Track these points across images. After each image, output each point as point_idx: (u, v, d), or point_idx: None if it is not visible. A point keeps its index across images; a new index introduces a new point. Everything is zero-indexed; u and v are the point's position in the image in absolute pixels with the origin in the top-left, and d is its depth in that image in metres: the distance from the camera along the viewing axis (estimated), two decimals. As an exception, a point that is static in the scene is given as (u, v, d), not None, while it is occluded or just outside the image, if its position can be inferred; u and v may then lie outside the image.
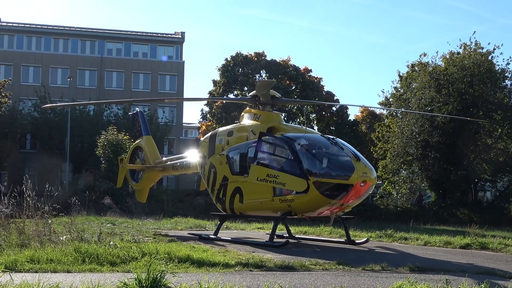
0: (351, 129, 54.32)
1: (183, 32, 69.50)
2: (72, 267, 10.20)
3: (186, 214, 31.04)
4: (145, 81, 66.38)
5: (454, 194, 39.41)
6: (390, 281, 9.50)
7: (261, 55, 54.69)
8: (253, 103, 19.24)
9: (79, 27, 68.62)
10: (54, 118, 51.91)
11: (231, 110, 49.76)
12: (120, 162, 26.03)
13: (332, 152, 16.27)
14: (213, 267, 10.67)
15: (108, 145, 38.38)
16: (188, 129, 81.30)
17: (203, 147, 19.89)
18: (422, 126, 38.13)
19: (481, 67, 37.61)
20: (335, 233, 20.47)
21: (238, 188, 17.69)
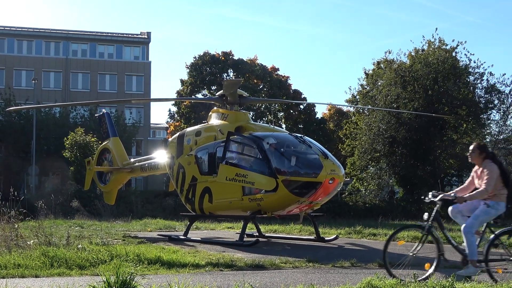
0: (319, 127, 54.63)
1: (149, 32, 69.15)
2: (40, 271, 10.08)
3: (155, 215, 30.86)
4: (111, 82, 65.89)
5: (422, 189, 39.80)
6: (359, 277, 9.58)
7: (229, 54, 54.72)
8: (221, 102, 19.24)
9: (43, 28, 67.84)
10: (19, 121, 51.16)
11: (199, 109, 49.68)
12: (87, 164, 25.79)
13: (300, 150, 16.35)
14: (183, 268, 10.64)
15: (76, 147, 37.99)
16: (156, 129, 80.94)
17: (171, 148, 19.81)
18: (389, 123, 38.48)
19: (445, 64, 38.09)
20: (305, 231, 20.55)
21: (207, 188, 17.66)
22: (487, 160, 9.52)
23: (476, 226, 9.43)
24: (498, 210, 9.42)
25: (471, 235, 9.37)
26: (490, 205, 9.35)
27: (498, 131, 42.01)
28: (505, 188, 9.47)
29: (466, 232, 9.39)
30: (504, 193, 9.46)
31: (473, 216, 9.45)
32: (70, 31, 68.11)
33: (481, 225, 9.51)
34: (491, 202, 9.36)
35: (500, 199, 9.42)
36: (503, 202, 9.44)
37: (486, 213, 9.39)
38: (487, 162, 9.48)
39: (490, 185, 9.29)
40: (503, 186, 9.45)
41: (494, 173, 9.32)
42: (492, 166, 9.40)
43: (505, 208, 9.48)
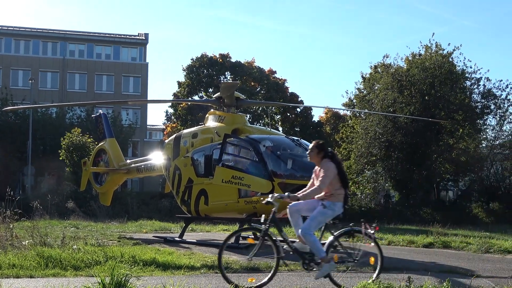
0: (315, 130, 54.67)
1: (146, 34, 69.16)
2: (35, 272, 10.06)
3: (151, 216, 30.85)
4: (109, 83, 65.82)
5: (417, 193, 39.92)
6: (354, 281, 9.58)
7: (226, 56, 54.74)
8: (218, 104, 19.25)
9: (41, 28, 67.76)
10: (15, 121, 51.05)
11: (196, 111, 49.67)
12: (83, 165, 25.77)
13: (297, 153, 16.37)
14: (178, 270, 10.63)
15: (73, 148, 37.94)
16: (153, 131, 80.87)
17: (167, 149, 19.80)
18: (385, 127, 38.54)
19: (442, 68, 38.19)
20: (301, 234, 20.51)
21: (203, 190, 17.66)
22: (326, 159, 9.27)
23: (313, 227, 9.16)
24: (335, 211, 9.17)
25: (310, 235, 9.07)
26: (326, 205, 9.11)
27: (494, 136, 42.14)
28: (343, 189, 9.24)
29: (304, 235, 9.11)
30: (341, 193, 9.23)
31: (310, 218, 9.19)
32: (67, 31, 68.03)
33: (319, 226, 9.26)
34: (327, 202, 9.13)
35: (337, 200, 9.18)
36: (340, 202, 9.20)
37: (323, 214, 9.13)
38: (325, 161, 9.24)
39: (324, 183, 9.06)
40: (341, 186, 9.22)
41: (330, 172, 9.09)
42: (329, 165, 9.16)
43: (342, 208, 9.25)
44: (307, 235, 9.08)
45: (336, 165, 9.24)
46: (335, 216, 9.25)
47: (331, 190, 9.17)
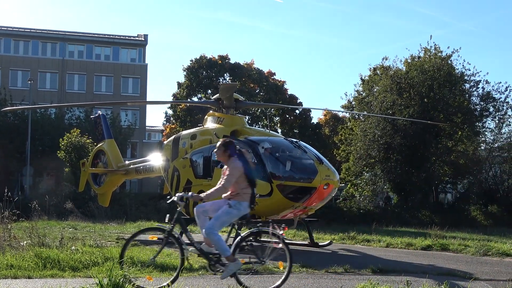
0: (314, 132, 54.67)
1: (146, 35, 69.16)
2: (33, 272, 10.05)
3: (149, 218, 30.77)
4: (108, 83, 65.80)
5: (416, 196, 39.92)
6: (352, 283, 9.59)
7: (225, 58, 54.76)
8: (217, 106, 19.25)
9: (40, 29, 67.74)
10: (14, 121, 51.03)
11: (195, 113, 49.68)
12: (82, 166, 25.76)
13: (296, 155, 16.36)
14: (176, 271, 10.61)
15: (71, 148, 37.90)
16: (151, 132, 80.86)
17: (166, 151, 19.80)
18: (384, 129, 38.54)
19: (441, 71, 38.21)
20: (299, 236, 20.56)
21: (202, 191, 17.59)
22: (233, 157, 9.09)
23: (217, 227, 8.96)
24: (241, 211, 8.98)
25: (214, 235, 8.87)
26: (232, 205, 8.93)
27: (493, 139, 42.14)
28: (249, 188, 9.06)
29: (208, 234, 8.90)
30: (247, 192, 9.05)
31: (214, 217, 9.00)
32: (67, 32, 68.02)
33: (223, 226, 9.11)
34: (233, 202, 8.95)
35: (242, 199, 9.00)
36: (246, 202, 9.02)
37: (228, 214, 8.95)
38: (232, 160, 9.06)
39: (229, 182, 8.87)
40: (247, 185, 9.04)
41: (236, 171, 8.89)
42: (236, 164, 8.97)
43: (248, 208, 9.07)
44: (211, 234, 8.87)
45: (243, 164, 9.04)
46: (241, 216, 9.06)
47: (237, 189, 8.98)
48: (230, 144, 9.26)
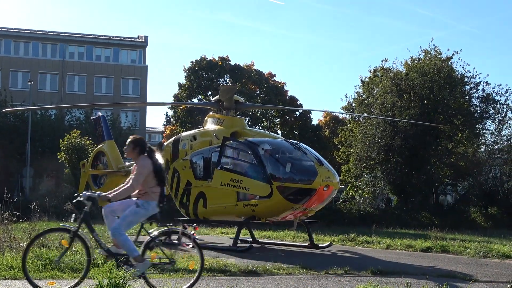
0: (314, 134, 54.64)
1: (146, 36, 69.19)
2: (32, 274, 10.01)
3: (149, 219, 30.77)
4: (108, 85, 65.82)
5: (416, 198, 39.92)
6: (352, 285, 9.59)
7: (225, 59, 54.74)
8: (217, 107, 19.27)
9: (40, 30, 67.75)
10: (14, 122, 51.02)
11: (195, 114, 49.66)
12: (82, 167, 25.73)
13: (296, 156, 16.36)
14: (176, 272, 10.61)
15: (72, 149, 37.89)
16: (152, 133, 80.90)
17: (166, 152, 19.80)
18: (384, 131, 38.55)
19: (441, 73, 38.24)
20: (299, 238, 20.55)
21: (202, 193, 17.66)
22: (142, 155, 8.90)
23: (124, 227, 8.80)
24: (148, 210, 8.80)
25: (120, 235, 8.75)
26: (139, 204, 8.73)
27: (493, 141, 42.17)
28: (158, 187, 8.85)
29: (114, 234, 8.77)
30: (156, 191, 8.84)
31: (121, 217, 8.82)
32: (67, 33, 68.04)
33: (130, 226, 8.92)
34: (140, 201, 8.75)
35: (151, 198, 8.80)
36: (154, 201, 8.83)
37: (135, 214, 8.77)
38: (141, 158, 8.87)
39: (137, 181, 8.66)
40: (156, 184, 8.83)
41: (145, 169, 8.69)
42: (144, 162, 8.79)
43: (157, 207, 8.89)
44: (117, 234, 8.75)
45: (152, 162, 8.85)
46: (149, 215, 8.88)
47: (145, 188, 8.77)
48: (139, 141, 9.10)
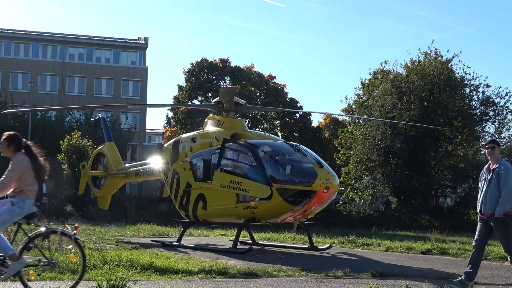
0: (314, 136, 54.65)
1: (146, 38, 69.20)
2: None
3: (149, 221, 30.79)
4: (108, 86, 65.86)
5: (416, 200, 39.90)
6: (352, 287, 9.58)
7: (226, 61, 54.79)
8: (217, 109, 19.26)
9: (41, 32, 67.78)
10: (14, 124, 51.01)
11: (195, 115, 49.71)
12: (82, 169, 25.73)
13: (295, 159, 16.35)
14: (176, 274, 10.62)
15: (72, 151, 37.90)
16: (152, 135, 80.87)
17: (166, 154, 19.80)
18: (384, 133, 38.55)
19: (441, 75, 38.26)
20: (298, 240, 20.55)
21: (202, 194, 17.64)
22: (19, 153, 8.54)
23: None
24: (24, 209, 8.34)
25: None
26: (14, 202, 8.28)
27: (493, 143, 42.12)
28: (36, 185, 8.46)
29: None
30: (33, 190, 8.43)
31: None
32: (67, 35, 68.10)
33: (4, 225, 8.46)
34: (16, 199, 8.30)
35: (27, 197, 8.37)
36: (31, 199, 8.39)
37: (10, 212, 8.28)
38: (17, 155, 8.50)
39: (9, 179, 8.28)
40: (34, 182, 8.44)
41: (19, 167, 8.32)
42: (20, 159, 8.43)
43: (34, 206, 8.47)
44: None
45: (30, 159, 8.53)
46: (25, 214, 8.45)
47: (21, 186, 8.37)
48: (14, 137, 8.73)
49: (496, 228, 9.82)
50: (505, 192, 9.67)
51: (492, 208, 9.75)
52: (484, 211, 9.94)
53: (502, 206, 9.62)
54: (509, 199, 9.66)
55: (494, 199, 9.76)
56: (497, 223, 9.74)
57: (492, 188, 9.83)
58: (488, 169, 10.15)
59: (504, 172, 9.78)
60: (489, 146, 10.23)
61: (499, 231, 9.86)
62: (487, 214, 9.87)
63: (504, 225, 9.74)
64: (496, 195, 9.75)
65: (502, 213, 9.61)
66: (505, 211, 9.61)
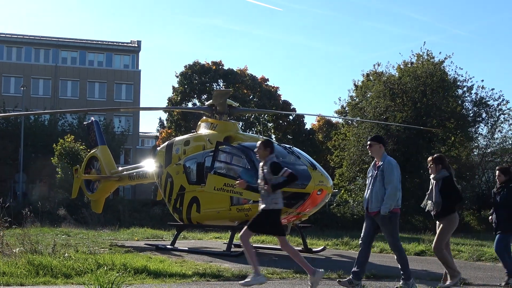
0: (307, 138, 54.68)
1: (139, 41, 69.18)
2: (25, 280, 10.00)
3: (142, 224, 30.74)
4: (101, 90, 65.76)
5: (410, 201, 39.91)
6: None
7: (219, 64, 54.78)
8: (210, 112, 19.26)
9: (33, 35, 67.65)
10: (7, 128, 50.91)
11: (189, 118, 49.69)
12: (75, 172, 25.69)
13: (289, 161, 16.33)
14: (170, 277, 10.60)
15: (65, 155, 37.82)
16: (145, 138, 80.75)
17: (159, 157, 19.79)
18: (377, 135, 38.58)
19: (434, 77, 38.36)
20: (292, 242, 20.51)
21: (195, 197, 17.63)
22: None
23: None
24: None
25: None
26: None
27: (486, 144, 42.31)
28: None
29: None
30: None
31: None
32: (60, 38, 67.97)
33: None
34: None
35: None
36: None
37: None
38: None
39: None
40: None
41: None
42: None
43: None
44: None
45: None
46: None
47: None
48: None
49: (383, 226, 9.74)
50: (389, 190, 9.58)
51: (378, 206, 9.62)
52: (370, 209, 9.80)
53: (387, 203, 9.51)
54: (393, 197, 9.57)
55: (379, 197, 9.64)
56: (383, 221, 9.65)
57: (378, 186, 9.71)
58: (374, 166, 10.06)
59: (388, 169, 9.70)
60: (369, 143, 10.13)
61: (385, 229, 9.79)
62: (373, 212, 9.74)
63: (390, 223, 9.67)
64: (382, 193, 9.63)
65: (388, 211, 9.51)
66: (390, 209, 9.52)
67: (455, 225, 10.57)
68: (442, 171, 10.57)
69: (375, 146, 9.99)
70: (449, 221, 10.46)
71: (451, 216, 10.44)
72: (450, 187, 10.43)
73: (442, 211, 10.39)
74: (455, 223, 10.54)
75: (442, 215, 10.40)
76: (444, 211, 10.38)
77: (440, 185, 10.45)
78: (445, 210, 10.37)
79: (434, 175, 10.62)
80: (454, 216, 10.49)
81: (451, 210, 10.42)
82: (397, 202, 9.67)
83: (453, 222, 10.49)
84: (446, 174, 10.51)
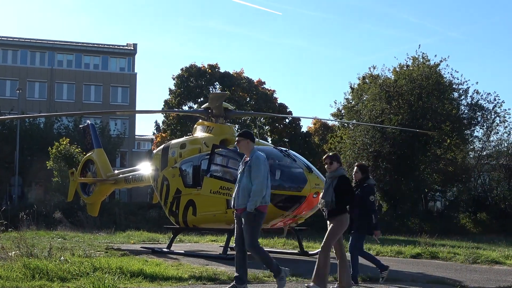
0: (304, 141, 54.73)
1: (135, 44, 69.10)
2: (21, 283, 9.97)
3: (139, 227, 30.70)
4: (97, 93, 65.67)
5: (405, 204, 39.99)
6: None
7: (215, 67, 54.83)
8: (206, 115, 19.23)
9: (29, 38, 67.51)
10: (2, 131, 50.78)
11: (185, 121, 49.70)
12: (71, 176, 25.64)
13: (285, 164, 16.35)
14: (166, 281, 10.58)
15: (61, 158, 37.75)
16: (141, 141, 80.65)
17: (155, 160, 19.76)
18: (373, 137, 38.66)
19: (430, 79, 38.45)
20: (289, 245, 20.53)
21: (191, 200, 17.60)
22: None
23: None
24: None
25: None
26: None
27: (482, 147, 42.42)
28: None
29: None
30: None
31: None
32: (55, 41, 67.88)
33: None
34: None
35: None
36: None
37: None
38: None
39: None
40: None
41: None
42: None
43: None
44: None
45: None
46: None
47: None
48: None
49: (246, 224, 9.30)
50: (255, 185, 9.28)
51: (245, 202, 9.28)
52: (236, 206, 9.50)
53: (253, 200, 9.20)
54: (259, 193, 9.27)
55: (246, 193, 9.33)
56: (248, 218, 9.25)
57: (245, 182, 9.41)
58: (243, 161, 9.79)
59: (255, 164, 9.42)
60: (237, 139, 9.82)
61: (247, 227, 9.31)
62: (240, 210, 9.41)
63: (254, 221, 9.30)
64: (248, 189, 9.33)
65: (254, 208, 9.19)
66: (256, 205, 9.21)
67: (345, 226, 10.15)
68: (339, 169, 10.17)
69: (243, 141, 9.67)
70: (340, 222, 10.04)
71: (341, 217, 10.02)
72: (345, 187, 10.00)
73: (334, 211, 9.95)
74: (346, 224, 10.12)
75: (333, 215, 9.96)
76: (336, 211, 9.95)
77: (335, 184, 9.97)
78: (337, 210, 9.94)
79: (329, 173, 10.18)
80: (345, 217, 10.06)
81: (342, 210, 10.02)
82: (264, 199, 9.35)
83: (344, 223, 10.08)
84: (342, 172, 10.12)
